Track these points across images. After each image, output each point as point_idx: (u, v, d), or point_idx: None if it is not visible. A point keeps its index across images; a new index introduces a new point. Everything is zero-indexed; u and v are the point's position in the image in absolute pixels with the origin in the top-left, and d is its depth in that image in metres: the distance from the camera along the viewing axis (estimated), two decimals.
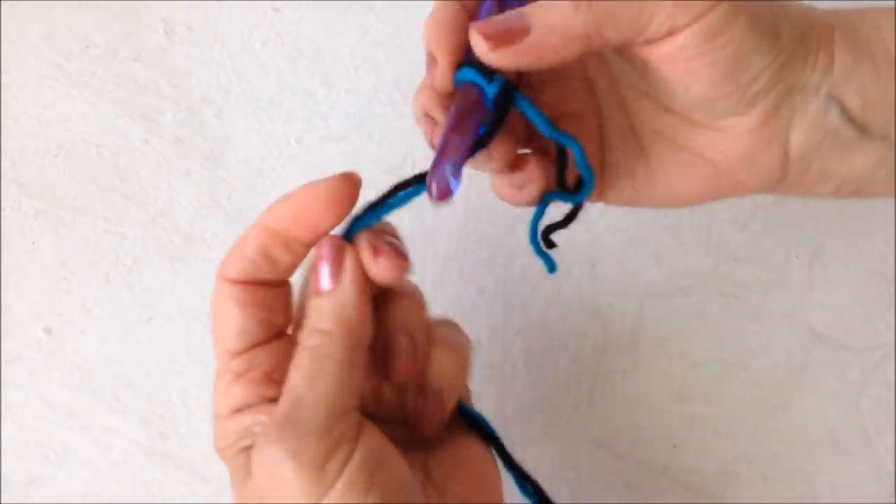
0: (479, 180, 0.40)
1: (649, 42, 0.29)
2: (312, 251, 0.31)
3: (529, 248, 0.44)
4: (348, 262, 0.30)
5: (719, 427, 0.42)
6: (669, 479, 0.42)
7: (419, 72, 0.46)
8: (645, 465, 0.42)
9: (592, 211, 0.44)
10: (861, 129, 0.30)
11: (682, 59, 0.29)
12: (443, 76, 0.30)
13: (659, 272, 0.44)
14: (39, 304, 0.43)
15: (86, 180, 0.44)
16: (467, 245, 0.44)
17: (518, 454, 0.34)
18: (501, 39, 0.28)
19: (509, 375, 0.43)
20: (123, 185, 0.44)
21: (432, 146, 0.31)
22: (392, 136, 0.45)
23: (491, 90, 0.29)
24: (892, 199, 0.44)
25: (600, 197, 0.35)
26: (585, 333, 0.43)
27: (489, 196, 0.44)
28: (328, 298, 0.29)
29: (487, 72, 0.29)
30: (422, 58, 0.46)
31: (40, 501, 0.41)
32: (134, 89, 0.45)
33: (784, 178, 0.32)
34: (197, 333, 0.43)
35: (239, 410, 0.29)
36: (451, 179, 0.28)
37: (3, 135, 0.44)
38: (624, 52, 0.31)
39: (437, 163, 0.28)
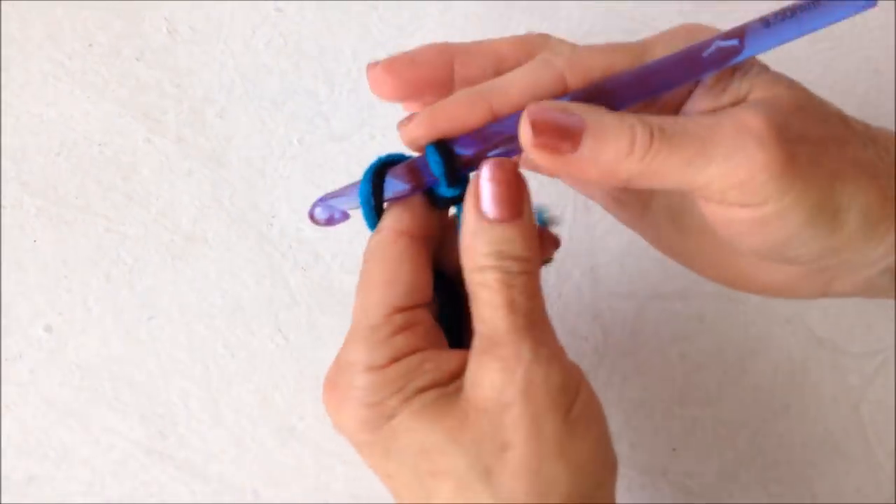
0: None
1: (699, 196, 0.28)
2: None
3: None
4: (525, 188, 0.28)
5: (719, 431, 0.42)
6: (669, 483, 0.42)
7: None
8: (645, 469, 0.42)
9: (593, 213, 0.44)
10: None
11: (732, 225, 0.28)
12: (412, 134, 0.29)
13: (659, 275, 0.44)
14: (40, 303, 0.43)
15: (87, 179, 0.44)
16: None
17: None
18: (549, 141, 0.26)
19: None
20: (125, 184, 0.44)
21: None
22: (394, 137, 0.45)
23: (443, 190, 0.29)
24: None
25: (638, 227, 0.35)
26: (585, 336, 0.43)
27: None
28: (520, 226, 0.28)
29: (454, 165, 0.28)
30: None
31: (39, 500, 0.41)
32: (136, 88, 0.45)
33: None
34: (198, 333, 0.43)
35: (398, 358, 0.28)
36: (319, 212, 0.30)
37: (4, 133, 0.44)
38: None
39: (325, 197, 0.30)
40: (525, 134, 0.26)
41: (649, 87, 0.28)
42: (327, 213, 0.31)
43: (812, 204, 0.26)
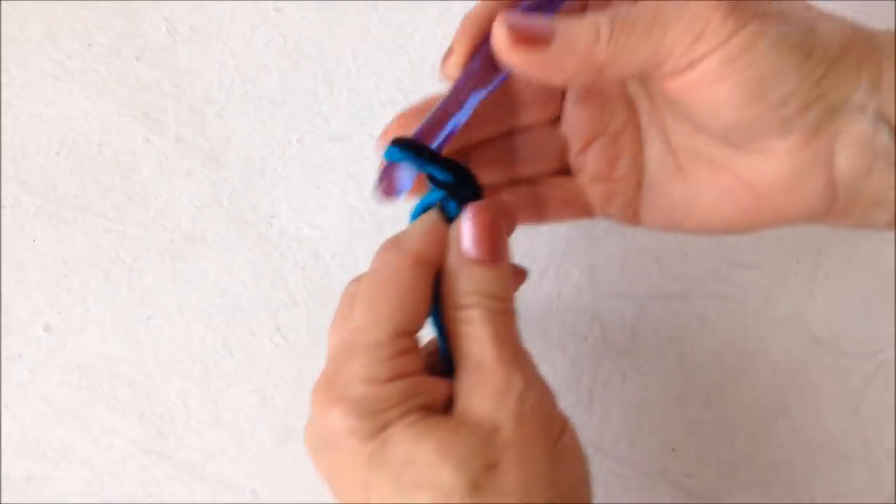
0: None
1: (669, 75, 0.28)
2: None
3: (529, 250, 0.44)
4: (506, 237, 0.30)
5: (718, 431, 0.42)
6: (668, 483, 0.42)
7: (421, 72, 0.46)
8: (644, 469, 0.42)
9: None
10: None
11: (704, 85, 0.28)
12: (451, 72, 0.31)
13: (659, 275, 0.43)
14: (39, 302, 0.43)
15: (87, 178, 0.44)
16: None
17: None
18: (522, 39, 0.28)
19: None
20: (124, 184, 0.44)
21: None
22: None
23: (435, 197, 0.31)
24: None
25: (636, 220, 0.35)
26: (585, 336, 0.43)
27: None
28: (500, 269, 0.29)
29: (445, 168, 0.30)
30: (423, 58, 0.46)
31: (38, 500, 0.40)
32: (136, 88, 0.45)
33: (832, 205, 0.30)
34: (197, 333, 0.43)
35: (398, 378, 0.28)
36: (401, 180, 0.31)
37: (4, 132, 0.44)
38: (647, 82, 0.31)
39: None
40: (500, 38, 0.28)
41: None
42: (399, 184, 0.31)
43: (774, 30, 0.27)
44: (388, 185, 0.31)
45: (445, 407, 0.29)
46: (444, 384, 0.29)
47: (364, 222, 0.44)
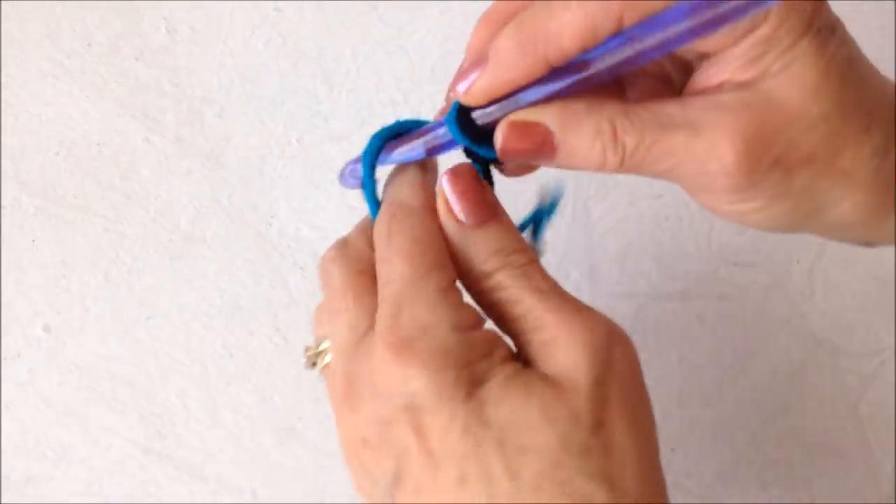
0: None
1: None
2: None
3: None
4: (490, 193, 0.29)
5: (718, 431, 0.42)
6: (668, 483, 0.42)
7: (420, 72, 0.46)
8: None
9: (592, 213, 0.44)
10: None
11: (710, 205, 0.29)
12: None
13: (659, 276, 0.43)
14: (39, 302, 0.43)
15: (86, 178, 0.44)
16: None
17: None
18: (529, 155, 0.27)
19: None
20: (124, 184, 0.44)
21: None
22: None
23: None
24: None
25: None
26: None
27: None
28: (501, 224, 0.28)
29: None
30: (423, 58, 0.46)
31: (38, 500, 0.40)
32: (135, 88, 0.45)
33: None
34: (196, 333, 0.43)
35: (480, 324, 0.27)
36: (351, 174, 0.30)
37: (3, 132, 0.44)
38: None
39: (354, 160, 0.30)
40: (499, 146, 0.28)
41: (694, 32, 0.26)
42: (355, 179, 0.31)
43: (776, 212, 0.27)
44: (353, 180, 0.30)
45: (522, 363, 0.27)
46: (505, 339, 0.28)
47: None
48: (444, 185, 0.28)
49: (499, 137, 0.27)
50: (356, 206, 0.44)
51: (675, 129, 0.27)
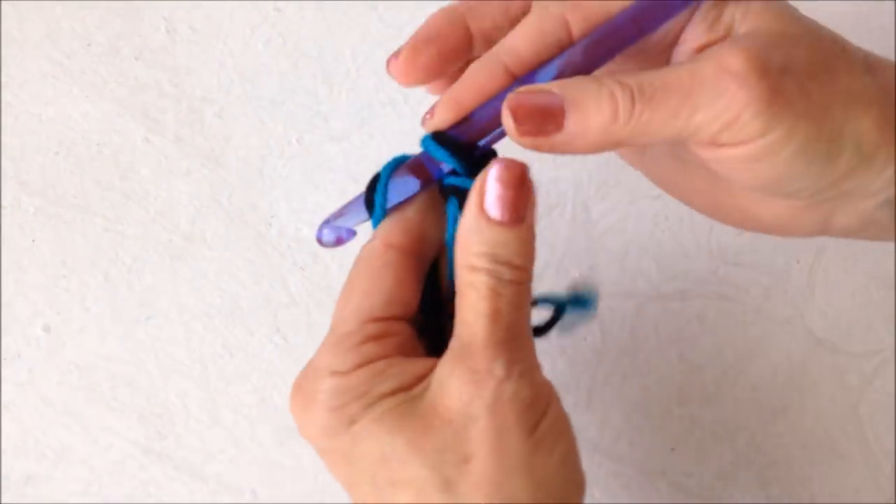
0: None
1: (689, 143, 0.28)
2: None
3: None
4: (532, 194, 0.27)
5: (718, 431, 0.42)
6: (667, 483, 0.42)
7: None
8: (643, 468, 0.42)
9: (592, 213, 0.44)
10: None
11: (722, 162, 0.28)
12: (430, 129, 0.29)
13: (658, 275, 0.44)
14: (38, 302, 0.43)
15: (86, 178, 0.44)
16: None
17: None
18: (531, 126, 0.26)
19: None
20: (124, 184, 0.44)
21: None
22: (393, 137, 0.45)
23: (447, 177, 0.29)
24: None
25: (641, 166, 0.34)
26: (584, 336, 0.43)
27: None
28: (519, 233, 0.27)
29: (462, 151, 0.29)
30: None
31: (37, 500, 0.40)
32: (135, 88, 0.45)
33: (819, 235, 0.31)
34: (196, 333, 0.43)
35: (364, 365, 0.28)
36: (326, 234, 0.30)
37: (3, 132, 0.44)
38: None
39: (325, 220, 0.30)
40: (508, 124, 0.27)
41: (645, 25, 0.28)
42: (335, 235, 0.31)
43: (803, 137, 0.26)
44: (337, 239, 0.30)
45: (420, 379, 0.28)
46: (421, 363, 0.28)
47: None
48: (492, 172, 0.27)
49: (506, 114, 0.27)
50: None
51: (678, 68, 0.27)
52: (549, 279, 0.43)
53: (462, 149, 0.28)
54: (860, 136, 0.27)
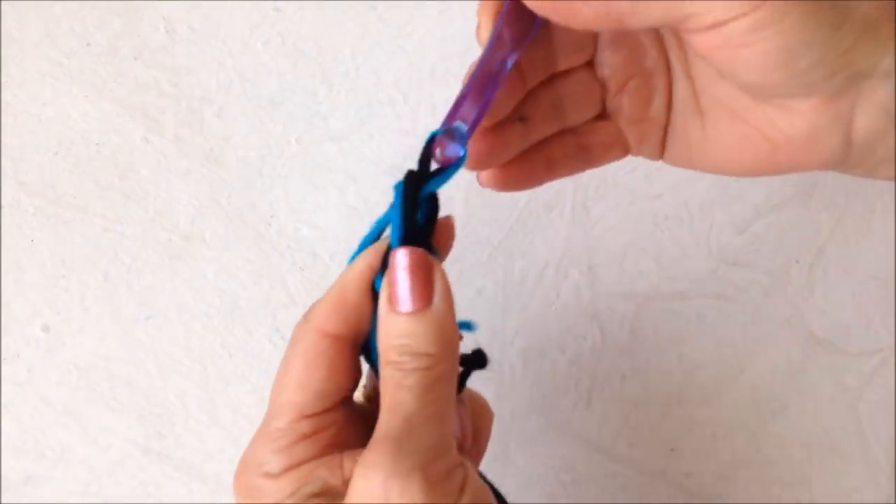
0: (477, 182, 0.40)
1: (694, 31, 0.28)
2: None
3: (528, 249, 0.44)
4: (438, 277, 0.27)
5: (717, 430, 0.42)
6: (667, 483, 0.42)
7: (420, 72, 0.46)
8: (642, 468, 0.42)
9: (592, 213, 0.44)
10: None
11: (729, 48, 0.27)
12: (484, 36, 0.30)
13: (658, 275, 0.44)
14: (38, 302, 0.43)
15: (85, 178, 0.44)
16: (466, 246, 0.44)
17: (515, 456, 0.34)
18: None
19: (507, 377, 0.43)
20: (123, 184, 0.44)
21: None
22: (392, 137, 0.45)
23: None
24: (892, 205, 0.44)
25: (658, 156, 0.35)
26: (584, 336, 0.43)
27: (488, 197, 0.44)
28: (424, 319, 0.27)
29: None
30: (422, 57, 0.46)
31: (37, 500, 0.40)
32: (134, 88, 0.45)
33: (846, 159, 0.30)
34: (195, 333, 0.43)
35: (294, 467, 0.28)
36: (457, 144, 0.28)
37: (2, 132, 0.44)
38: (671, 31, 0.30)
39: (447, 120, 0.29)
40: None
41: None
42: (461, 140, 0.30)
43: (808, 6, 0.26)
44: (442, 153, 0.29)
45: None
46: (351, 461, 0.28)
47: (363, 222, 0.44)
48: (393, 261, 0.28)
49: None
50: (356, 205, 0.44)
51: None
52: (548, 279, 0.43)
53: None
54: (860, 9, 0.27)
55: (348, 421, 0.29)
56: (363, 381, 0.31)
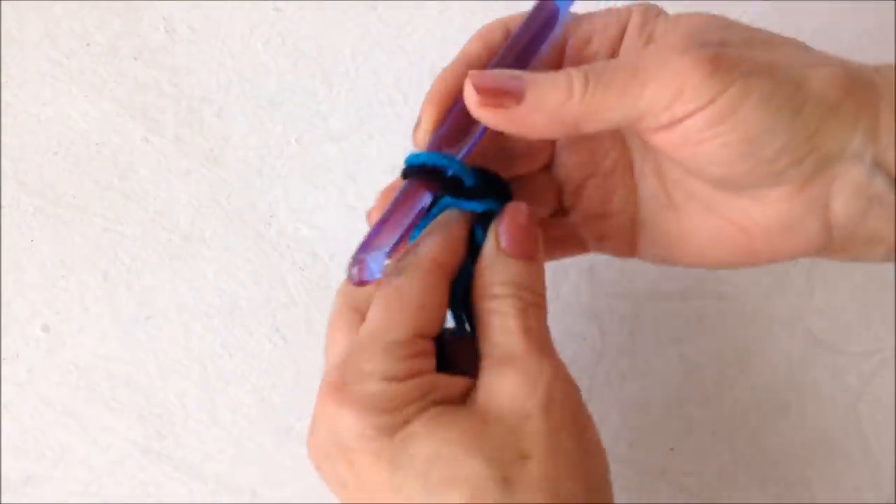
0: None
1: (653, 130, 0.28)
2: None
3: None
4: (541, 238, 0.31)
5: (717, 430, 0.42)
6: (667, 483, 0.42)
7: (420, 72, 0.46)
8: (643, 468, 0.42)
9: None
10: None
11: (689, 144, 0.28)
12: (422, 138, 0.31)
13: (658, 275, 0.43)
14: (38, 302, 0.43)
15: (85, 178, 0.44)
16: None
17: None
18: (491, 99, 0.28)
19: None
20: (123, 184, 0.44)
21: (370, 223, 0.32)
22: (392, 136, 0.45)
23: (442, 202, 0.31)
24: None
25: (633, 253, 0.34)
26: (583, 336, 0.43)
27: None
28: (533, 266, 0.30)
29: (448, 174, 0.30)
30: (422, 57, 0.46)
31: (37, 500, 0.40)
32: (134, 88, 0.45)
33: (827, 245, 0.30)
34: (195, 333, 0.43)
35: (414, 376, 0.28)
36: (372, 267, 0.29)
37: (2, 132, 0.44)
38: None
39: (362, 248, 0.30)
40: (470, 97, 0.28)
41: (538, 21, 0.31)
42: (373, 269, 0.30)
43: (760, 90, 0.27)
44: (359, 272, 0.30)
45: (465, 396, 0.28)
46: (461, 380, 0.29)
47: (363, 222, 0.44)
48: (506, 216, 0.30)
49: (468, 88, 0.28)
50: (356, 205, 0.44)
51: (626, 55, 0.30)
52: (547, 279, 0.43)
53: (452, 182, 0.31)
54: (819, 86, 0.27)
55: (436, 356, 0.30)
56: None
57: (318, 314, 0.43)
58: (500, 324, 0.29)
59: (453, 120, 0.31)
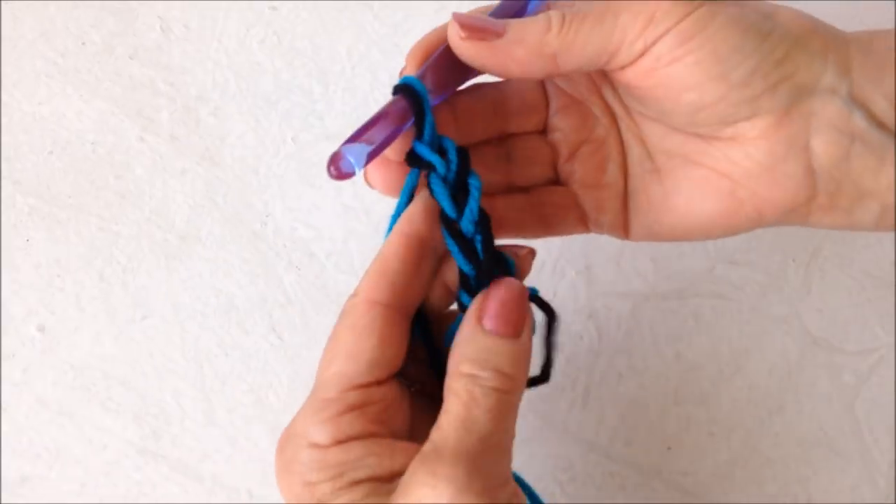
0: None
1: (628, 64, 0.29)
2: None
3: None
4: (528, 309, 0.29)
5: (714, 429, 0.42)
6: (664, 481, 0.42)
7: None
8: (639, 467, 0.42)
9: None
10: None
11: (661, 67, 0.28)
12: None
13: (655, 274, 0.43)
14: (33, 302, 0.42)
15: (81, 178, 0.44)
16: None
17: (512, 455, 0.33)
18: (474, 33, 0.29)
19: None
20: (118, 183, 0.44)
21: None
22: None
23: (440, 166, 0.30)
24: None
25: (626, 231, 0.34)
26: (580, 335, 0.43)
27: None
28: (514, 345, 0.28)
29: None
30: None
31: (33, 500, 0.40)
32: (130, 87, 0.45)
33: (814, 196, 0.29)
34: (191, 332, 0.42)
35: (343, 442, 0.27)
36: (350, 159, 0.28)
37: None
38: (608, 76, 0.31)
39: (349, 139, 0.29)
40: (453, 31, 0.30)
41: None
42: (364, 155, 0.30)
43: (726, 13, 0.28)
44: (334, 162, 0.29)
45: (397, 475, 0.27)
46: (401, 451, 0.27)
47: (359, 221, 0.44)
48: (493, 290, 0.28)
49: (452, 25, 0.30)
50: (352, 205, 0.44)
51: None
52: (545, 279, 0.43)
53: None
54: (785, 19, 0.29)
55: (396, 399, 0.29)
56: None
57: (315, 314, 0.43)
58: (450, 408, 0.27)
59: (434, 71, 0.31)
